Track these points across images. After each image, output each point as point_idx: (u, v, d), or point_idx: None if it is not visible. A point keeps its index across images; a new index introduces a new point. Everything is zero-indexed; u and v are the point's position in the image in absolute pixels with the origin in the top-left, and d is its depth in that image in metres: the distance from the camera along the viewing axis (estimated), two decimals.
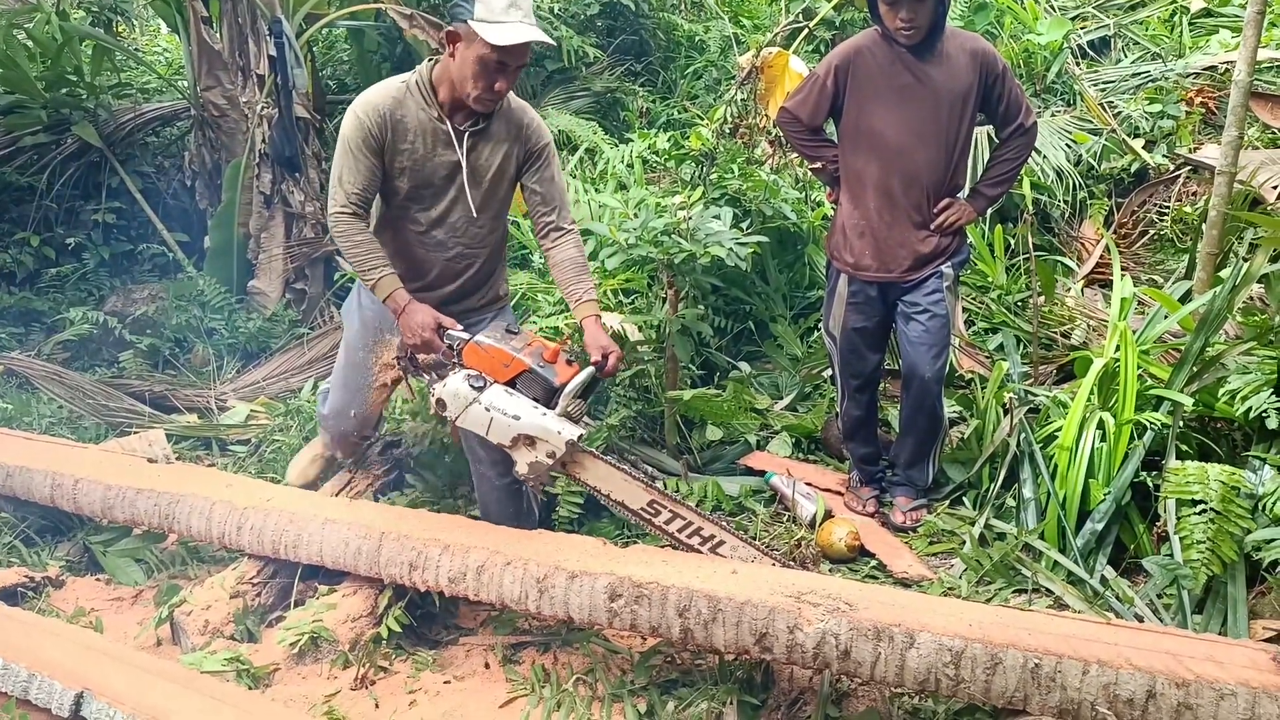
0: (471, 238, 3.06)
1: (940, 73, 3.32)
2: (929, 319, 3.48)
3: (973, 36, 3.45)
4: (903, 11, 3.21)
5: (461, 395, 2.77)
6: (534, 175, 3.09)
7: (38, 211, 6.40)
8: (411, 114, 2.88)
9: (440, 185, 2.96)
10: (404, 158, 2.89)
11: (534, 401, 2.79)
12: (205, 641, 2.92)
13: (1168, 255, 5.41)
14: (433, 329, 2.85)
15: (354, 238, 2.88)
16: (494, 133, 2.98)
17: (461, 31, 2.76)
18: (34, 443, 3.86)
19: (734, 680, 2.63)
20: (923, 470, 3.74)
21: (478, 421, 2.77)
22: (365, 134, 2.83)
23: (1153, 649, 2.20)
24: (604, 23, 8.05)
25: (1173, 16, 6.88)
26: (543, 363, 2.83)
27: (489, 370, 2.83)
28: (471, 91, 2.80)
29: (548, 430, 2.71)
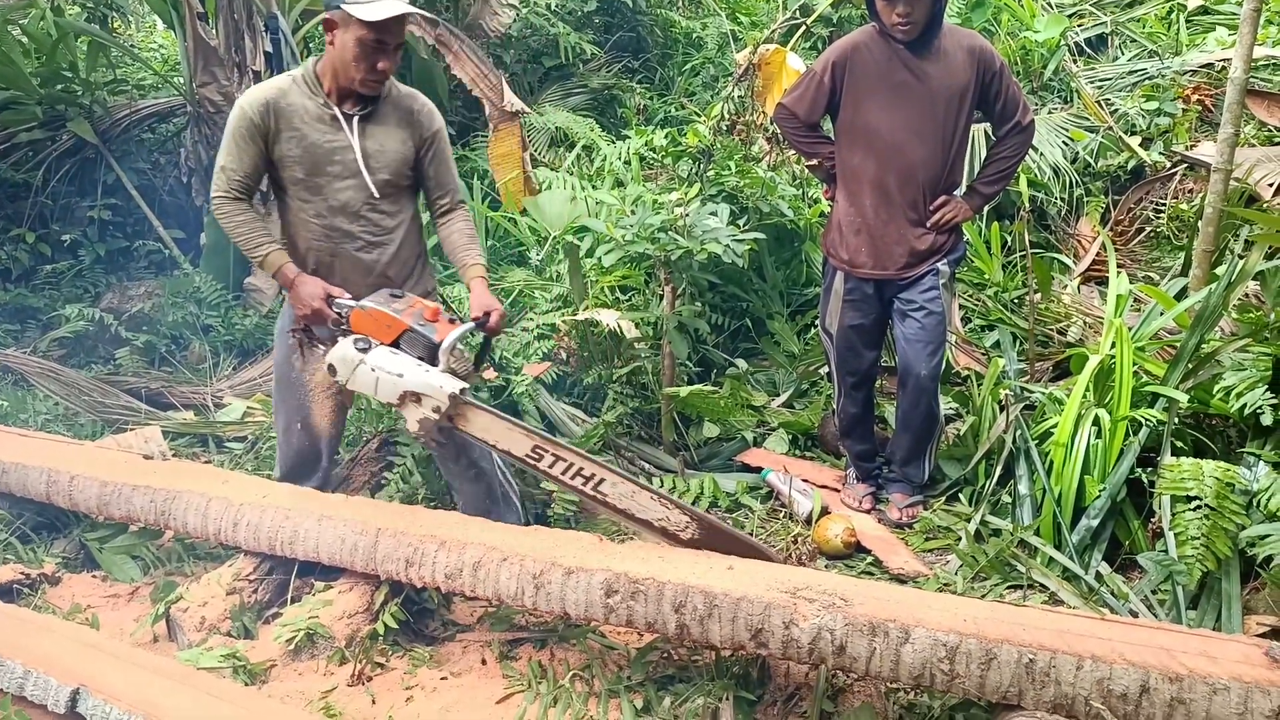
0: (377, 225, 3.11)
1: (937, 70, 3.32)
2: (925, 316, 3.48)
3: (970, 34, 3.45)
4: (899, 7, 3.21)
5: (349, 358, 2.84)
6: (428, 159, 3.16)
7: (33, 208, 6.39)
8: (297, 102, 2.97)
9: (336, 172, 3.01)
10: (293, 145, 2.97)
11: (418, 360, 2.87)
12: (202, 638, 2.91)
13: (1164, 252, 5.42)
14: (321, 298, 2.95)
15: (236, 218, 2.98)
16: (384, 116, 3.06)
17: (337, 17, 2.86)
18: (30, 439, 3.86)
19: (730, 676, 2.63)
20: (919, 467, 3.74)
21: (366, 382, 2.83)
22: (248, 123, 2.93)
23: (1146, 644, 2.21)
24: (601, 19, 8.05)
25: (1169, 14, 6.89)
26: (423, 322, 2.91)
27: (374, 333, 2.91)
28: (356, 75, 2.90)
29: (430, 385, 2.78)
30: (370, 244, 3.12)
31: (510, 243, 5.95)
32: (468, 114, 7.41)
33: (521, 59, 7.65)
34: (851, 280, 3.58)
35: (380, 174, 3.05)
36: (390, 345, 2.90)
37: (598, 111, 7.52)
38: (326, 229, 3.07)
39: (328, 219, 3.06)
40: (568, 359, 4.22)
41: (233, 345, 5.53)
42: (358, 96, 3.00)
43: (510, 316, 3.16)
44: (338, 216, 3.06)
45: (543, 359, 4.28)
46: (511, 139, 5.99)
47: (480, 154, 6.74)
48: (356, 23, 2.82)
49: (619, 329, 3.84)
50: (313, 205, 3.04)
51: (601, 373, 4.09)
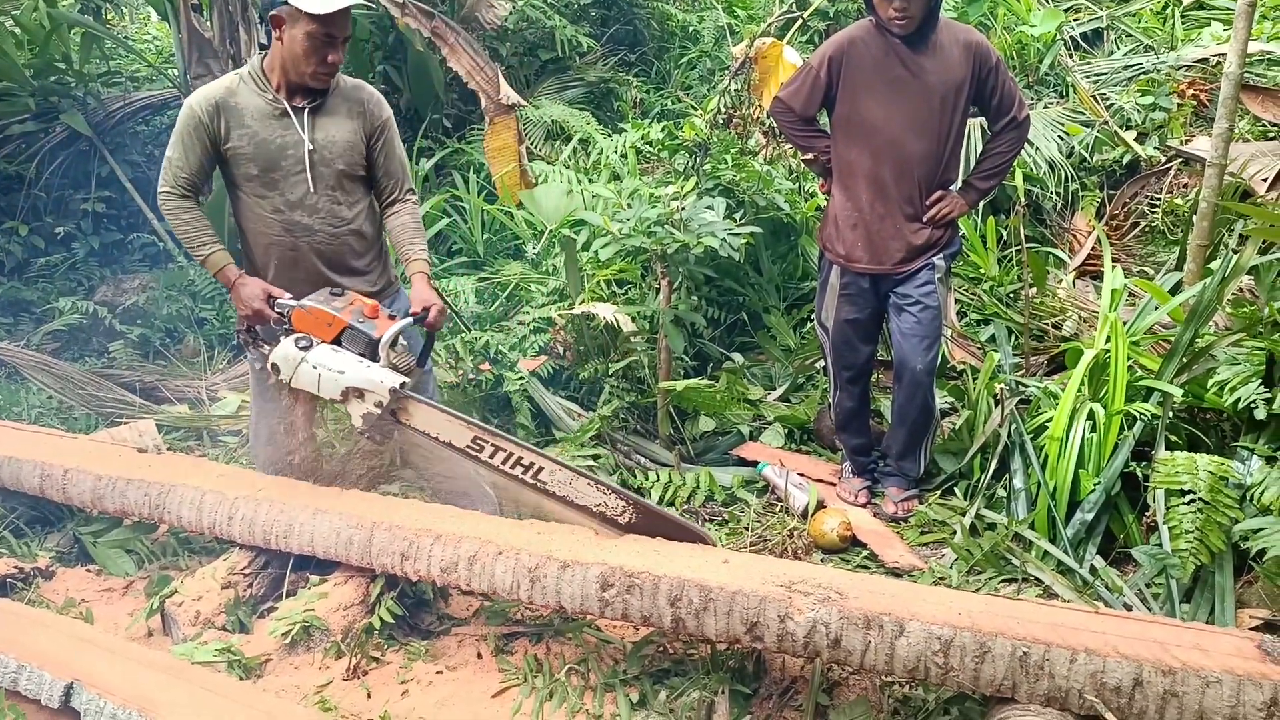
0: (335, 216, 3.14)
1: (933, 65, 3.32)
2: (921, 310, 3.48)
3: (966, 29, 3.45)
4: (896, 1, 3.21)
5: (290, 357, 2.88)
6: (377, 148, 3.18)
7: (26, 200, 6.37)
8: (246, 100, 3.01)
9: (290, 166, 3.04)
10: (244, 141, 3.00)
11: (359, 356, 2.91)
12: (196, 632, 2.90)
13: (1159, 247, 5.43)
14: (262, 299, 3.00)
15: (182, 215, 3.04)
16: (334, 109, 3.09)
17: (284, 13, 2.90)
18: (23, 433, 3.84)
19: (726, 669, 2.63)
20: (914, 461, 3.74)
21: (308, 380, 2.86)
22: (196, 121, 2.98)
23: (1140, 637, 2.22)
24: (598, 12, 8.03)
25: (1165, 9, 6.89)
26: (363, 319, 2.95)
27: (315, 331, 2.95)
28: (306, 69, 2.94)
29: (371, 380, 2.82)
30: (330, 235, 3.15)
31: (506, 236, 5.94)
32: (464, 107, 7.38)
33: (518, 52, 7.63)
34: (847, 275, 3.58)
35: (334, 165, 3.09)
36: (331, 343, 2.94)
37: (594, 105, 7.50)
38: (285, 224, 3.10)
39: (286, 214, 3.09)
40: (564, 353, 4.22)
41: (227, 339, 5.52)
42: (306, 90, 3.04)
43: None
44: (295, 210, 3.09)
45: (539, 353, 4.28)
46: (507, 132, 5.98)
47: (476, 147, 6.72)
48: (305, 17, 2.87)
49: (615, 323, 3.84)
50: (269, 200, 3.08)
51: (597, 366, 4.09)
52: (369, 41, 7.34)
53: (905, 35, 3.29)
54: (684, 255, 3.87)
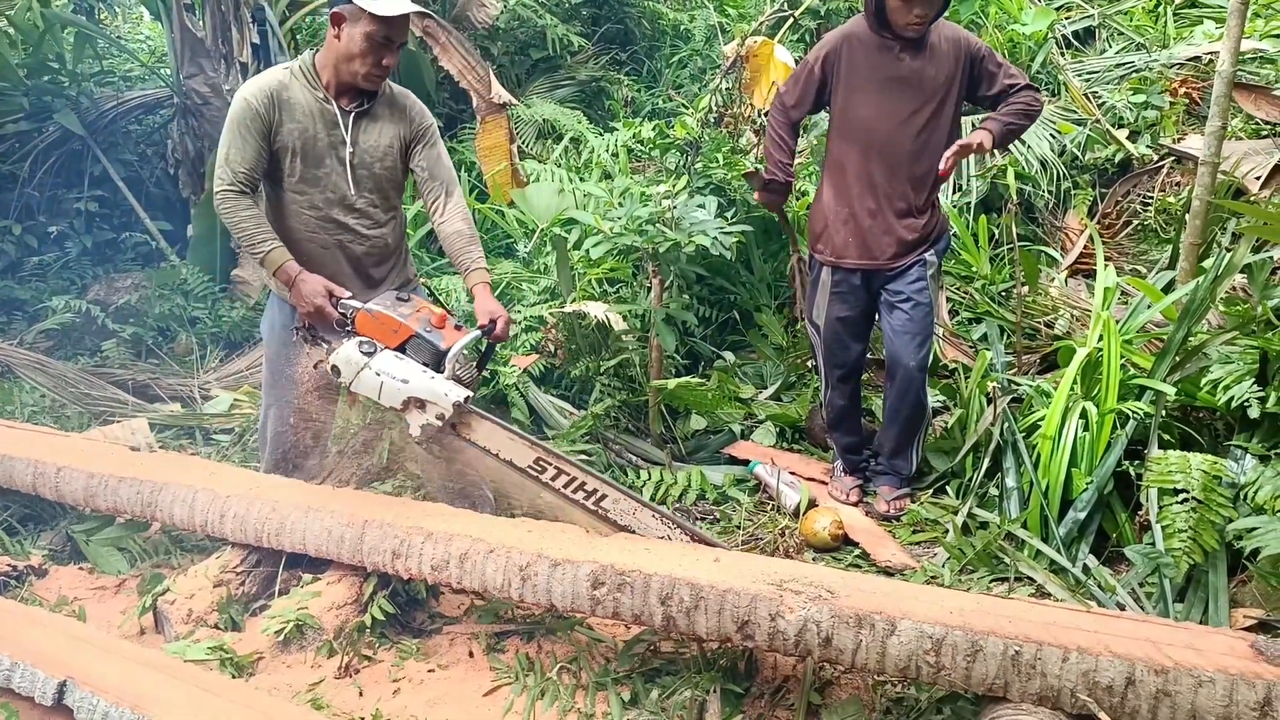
0: (369, 219, 3.19)
1: (927, 62, 3.34)
2: (912, 307, 3.50)
3: (951, 26, 3.46)
4: (917, 8, 3.23)
5: (353, 361, 2.83)
6: (422, 154, 3.22)
7: (20, 200, 6.37)
8: (298, 95, 3.02)
9: (332, 165, 3.08)
10: (293, 137, 3.01)
11: (423, 366, 2.87)
12: (189, 630, 2.90)
13: (1151, 245, 5.43)
14: (324, 296, 2.97)
15: (240, 213, 2.98)
16: (378, 114, 3.13)
17: (347, 12, 2.91)
18: (16, 431, 3.83)
19: (718, 668, 2.63)
20: (906, 459, 3.75)
21: (370, 386, 2.83)
22: (253, 114, 2.96)
23: (1132, 636, 2.22)
24: (589, 11, 8.03)
25: (1157, 7, 6.90)
26: (430, 328, 2.92)
27: (379, 336, 2.91)
28: (360, 69, 2.96)
29: (435, 392, 2.78)
30: (364, 236, 3.19)
31: (498, 235, 5.93)
32: (455, 106, 7.38)
33: (509, 51, 7.63)
34: (839, 272, 3.59)
35: (373, 169, 3.13)
36: (395, 350, 2.89)
37: (585, 103, 7.51)
38: (322, 220, 3.12)
39: (324, 210, 3.11)
40: (555, 351, 4.21)
41: (219, 337, 5.52)
42: (356, 92, 3.06)
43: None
44: (334, 208, 3.12)
45: (530, 351, 4.28)
46: (499, 131, 5.97)
47: (468, 146, 6.72)
48: (368, 17, 2.87)
49: (607, 321, 3.83)
50: (308, 197, 3.09)
51: (589, 365, 4.09)
52: None
53: (917, 37, 3.31)
54: (675, 254, 3.87)
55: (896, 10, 3.26)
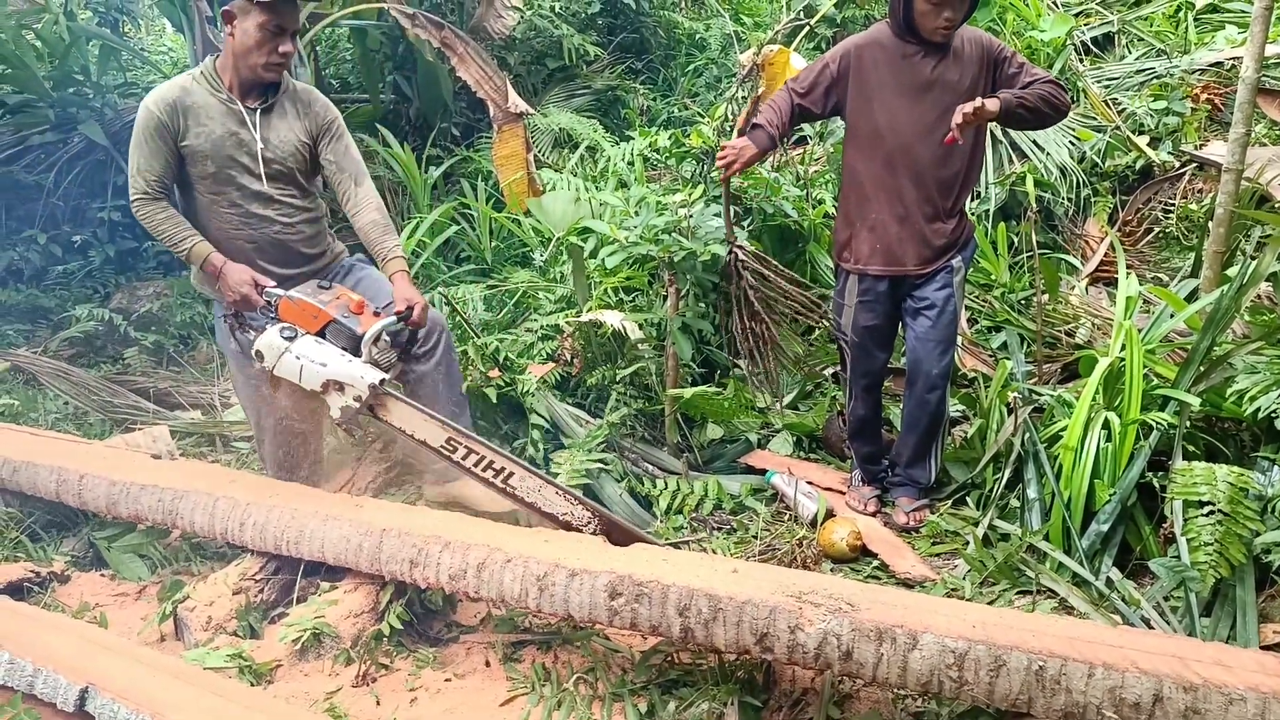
0: (290, 207, 3.32)
1: (951, 68, 3.30)
2: (937, 314, 3.46)
3: (971, 28, 3.40)
4: (947, 12, 3.17)
5: (275, 346, 2.99)
6: (329, 148, 3.34)
7: (45, 209, 6.43)
8: (201, 99, 3.15)
9: (245, 164, 3.20)
10: (200, 139, 3.13)
11: (342, 350, 3.01)
12: (208, 637, 2.91)
13: (1173, 253, 5.39)
14: (249, 285, 3.12)
15: (157, 217, 3.15)
16: (284, 110, 3.26)
17: (236, 8, 3.07)
18: (40, 438, 3.87)
19: (735, 680, 2.61)
20: (925, 468, 3.72)
21: (291, 370, 2.97)
22: (157, 123, 3.10)
23: (1159, 652, 2.18)
24: (605, 21, 8.06)
25: (1178, 12, 6.85)
26: (348, 314, 3.08)
27: (300, 322, 3.07)
28: (259, 60, 3.10)
29: (351, 375, 2.93)
30: (286, 225, 3.32)
31: (514, 244, 5.95)
32: (472, 115, 7.42)
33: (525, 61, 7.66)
34: (865, 280, 3.55)
35: (287, 161, 3.26)
36: (316, 335, 3.06)
37: (601, 113, 7.53)
38: (243, 216, 3.25)
39: (243, 206, 3.24)
40: (571, 360, 4.21)
41: None
42: (259, 90, 3.20)
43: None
44: (253, 203, 3.24)
45: (546, 360, 4.28)
46: (515, 140, 5.99)
47: (484, 155, 6.74)
48: (257, 8, 3.03)
49: (623, 330, 3.83)
50: (226, 196, 3.22)
51: (605, 374, 4.08)
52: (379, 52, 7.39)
53: (945, 42, 3.26)
54: (691, 262, 3.86)
55: (925, 15, 3.20)
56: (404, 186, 6.68)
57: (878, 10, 6.22)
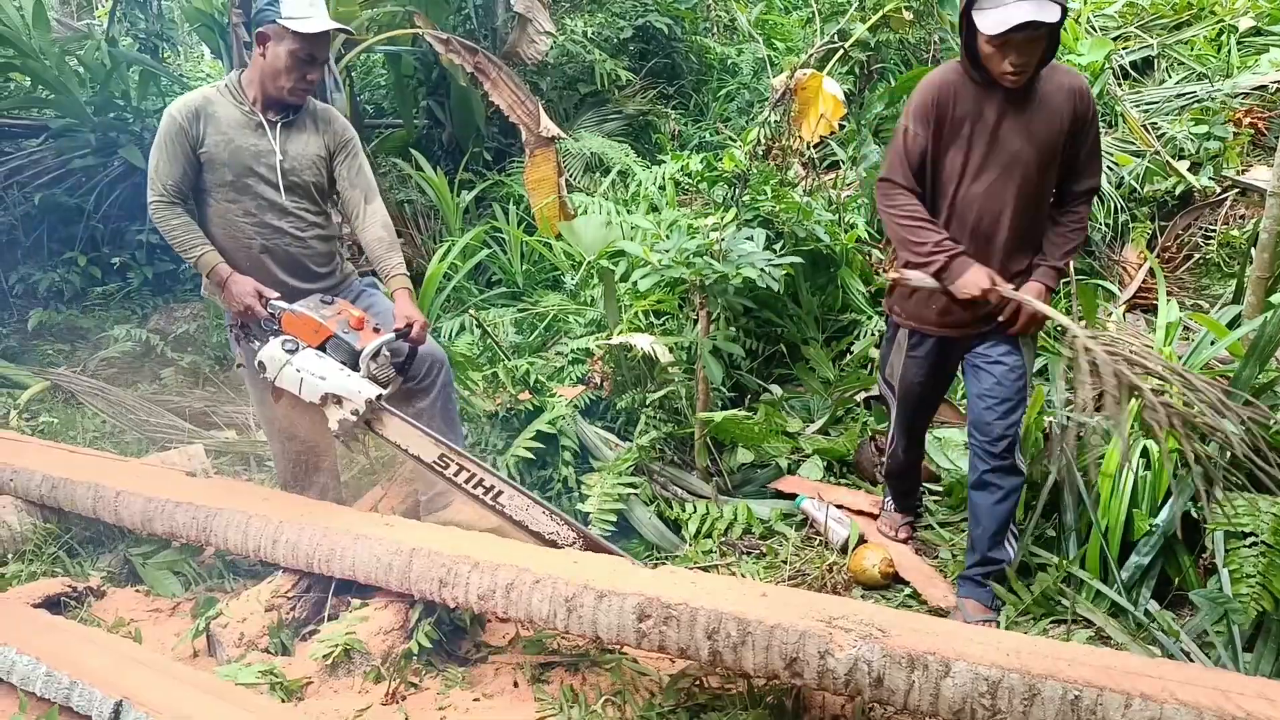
0: (302, 220, 3.38)
1: (1034, 115, 2.89)
2: (1004, 371, 3.08)
3: (1069, 71, 2.97)
4: (1013, 57, 2.76)
5: (276, 358, 3.08)
6: (344, 165, 3.43)
7: (85, 232, 6.56)
8: (223, 109, 3.24)
9: (262, 174, 3.28)
10: (220, 148, 3.22)
11: (341, 364, 3.10)
12: (241, 654, 2.93)
13: (1213, 280, 5.32)
14: (253, 296, 3.20)
15: (172, 222, 3.23)
16: (304, 126, 3.36)
17: (271, 31, 3.15)
18: (77, 455, 3.92)
19: (764, 706, 2.59)
20: (1003, 547, 3.20)
21: (291, 381, 3.06)
22: (178, 130, 3.19)
23: (1199, 684, 2.13)
24: (637, 46, 8.12)
25: (1219, 36, 6.79)
26: (348, 329, 3.16)
27: (302, 335, 3.15)
28: (286, 84, 3.19)
29: (349, 389, 3.01)
30: (298, 238, 3.38)
31: (545, 267, 5.98)
32: (504, 140, 7.49)
33: (558, 85, 7.73)
34: (916, 335, 3.24)
35: (302, 175, 3.34)
36: (316, 349, 3.13)
37: (633, 137, 7.57)
38: (256, 225, 3.32)
39: (257, 216, 3.31)
40: (601, 383, 4.22)
41: None
42: (280, 106, 3.28)
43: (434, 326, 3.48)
44: (267, 213, 3.31)
45: (576, 383, 4.29)
46: (547, 164, 6.04)
47: (516, 179, 6.80)
48: (291, 35, 3.12)
49: (653, 353, 3.83)
50: (240, 205, 3.29)
51: (635, 397, 4.09)
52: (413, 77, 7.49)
53: (1016, 88, 2.86)
54: (723, 286, 3.86)
55: (990, 58, 2.81)
56: (436, 210, 6.75)
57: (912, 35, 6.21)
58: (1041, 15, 2.68)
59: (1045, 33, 2.75)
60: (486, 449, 3.83)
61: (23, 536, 3.64)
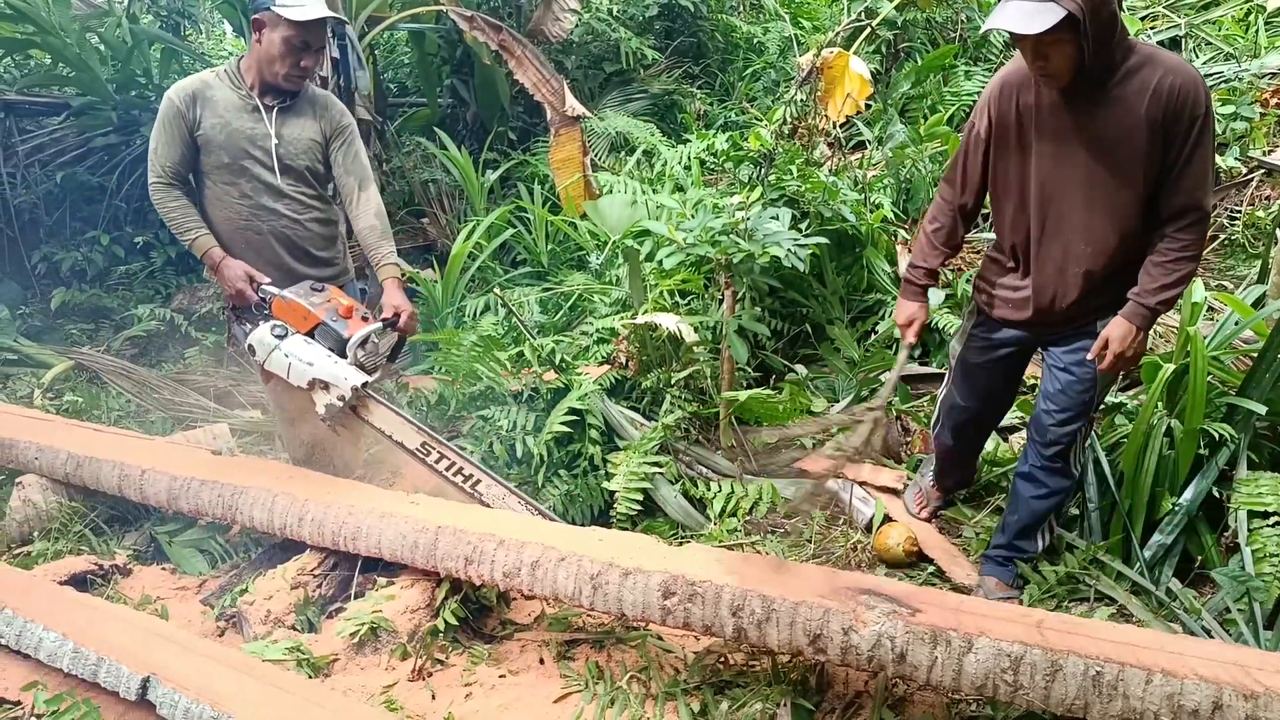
0: (298, 203, 3.46)
1: (1103, 115, 2.60)
2: (1069, 379, 2.93)
3: (1174, 67, 2.55)
4: (1029, 56, 2.59)
5: (265, 343, 3.18)
6: (339, 151, 3.48)
7: (108, 211, 6.59)
8: (221, 93, 3.33)
9: (258, 157, 3.36)
10: (216, 131, 3.30)
11: (329, 351, 3.19)
12: (267, 631, 2.96)
13: (1238, 260, 5.26)
14: (244, 280, 3.31)
15: (170, 205, 3.34)
16: (301, 111, 3.42)
17: (266, 18, 3.21)
18: (103, 434, 3.96)
19: (788, 682, 2.60)
20: (1033, 539, 3.19)
21: (279, 366, 3.17)
22: (176, 112, 3.28)
23: (1220, 660, 2.14)
24: (662, 25, 8.08)
25: (1248, 16, 6.69)
26: (336, 317, 3.25)
27: (291, 321, 3.26)
28: (280, 70, 3.26)
29: (336, 376, 3.11)
30: (294, 221, 3.46)
31: (570, 247, 5.98)
32: (529, 119, 7.48)
33: (583, 64, 7.71)
34: (985, 323, 3.11)
35: (298, 159, 3.41)
36: (306, 334, 3.23)
37: (658, 116, 7.54)
38: (253, 208, 3.40)
39: (253, 199, 3.39)
40: (626, 362, 4.22)
41: None
42: (277, 91, 3.35)
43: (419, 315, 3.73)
44: (263, 196, 3.39)
45: (601, 362, 4.29)
46: (572, 144, 6.03)
47: (541, 159, 6.79)
48: (285, 23, 3.18)
49: (678, 333, 3.83)
50: (237, 187, 3.37)
51: (660, 376, 4.09)
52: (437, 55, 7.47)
53: (1059, 88, 2.64)
54: (749, 265, 3.85)
55: (1023, 57, 2.64)
56: (461, 189, 6.75)
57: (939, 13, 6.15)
58: (1021, 26, 2.42)
59: (1068, 34, 2.44)
60: (515, 430, 3.84)
61: (49, 514, 3.69)
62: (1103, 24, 2.45)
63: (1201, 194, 2.58)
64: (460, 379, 4.33)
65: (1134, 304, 2.68)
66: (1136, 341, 2.68)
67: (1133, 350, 2.69)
